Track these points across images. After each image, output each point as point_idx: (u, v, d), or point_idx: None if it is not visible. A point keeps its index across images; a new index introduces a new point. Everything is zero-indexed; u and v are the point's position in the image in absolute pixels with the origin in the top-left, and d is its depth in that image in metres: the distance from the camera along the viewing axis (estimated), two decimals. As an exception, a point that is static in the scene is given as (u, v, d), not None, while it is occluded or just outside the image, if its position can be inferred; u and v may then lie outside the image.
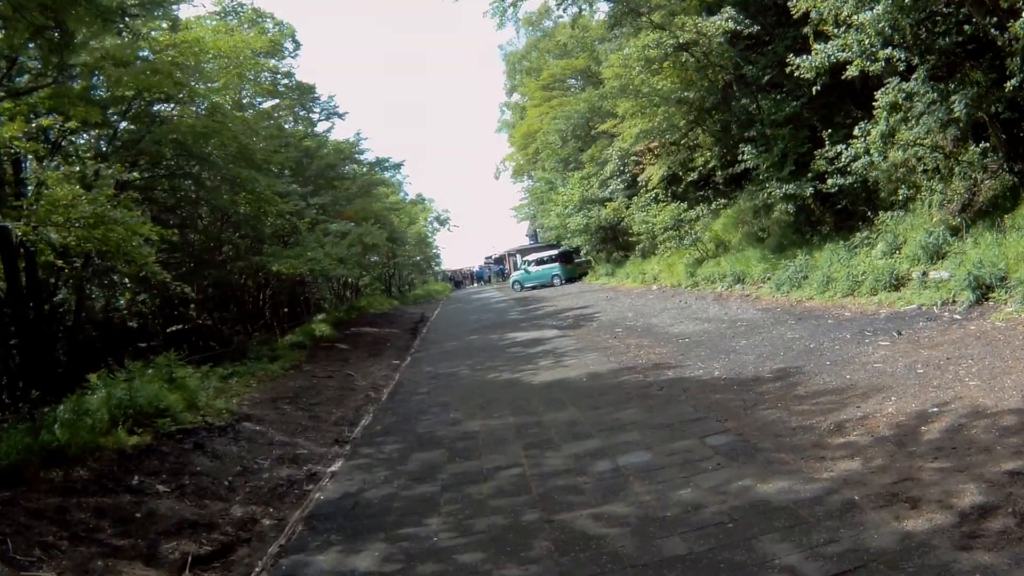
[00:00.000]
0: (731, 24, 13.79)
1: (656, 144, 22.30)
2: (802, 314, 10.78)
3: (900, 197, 12.62)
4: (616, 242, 30.79)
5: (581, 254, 35.01)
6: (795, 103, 14.06)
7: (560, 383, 8.59)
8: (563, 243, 35.36)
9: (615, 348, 10.73)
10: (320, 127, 23.24)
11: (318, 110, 23.22)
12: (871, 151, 11.29)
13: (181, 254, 15.55)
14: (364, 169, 24.75)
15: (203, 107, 13.22)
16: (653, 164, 22.57)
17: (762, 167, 14.85)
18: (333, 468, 6.23)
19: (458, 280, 65.55)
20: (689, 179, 21.67)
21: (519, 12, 21.68)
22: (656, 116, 18.38)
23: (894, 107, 10.64)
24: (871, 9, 9.91)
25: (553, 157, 35.82)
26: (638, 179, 25.72)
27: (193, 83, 12.54)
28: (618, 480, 4.71)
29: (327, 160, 20.46)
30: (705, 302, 15.00)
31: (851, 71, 10.84)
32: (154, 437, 6.77)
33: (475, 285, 63.10)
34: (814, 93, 11.62)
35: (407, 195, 42.08)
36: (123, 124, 12.57)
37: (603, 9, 26.12)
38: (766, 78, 15.45)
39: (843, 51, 10.87)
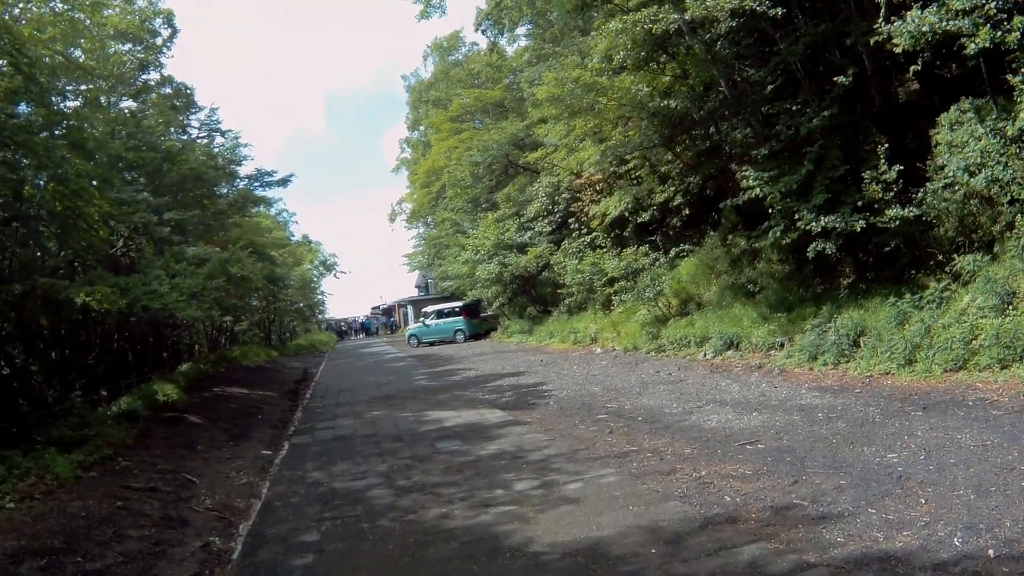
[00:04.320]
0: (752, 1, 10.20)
1: (600, 177, 18.54)
2: (910, 398, 6.84)
3: (979, 236, 9.30)
4: (531, 295, 26.67)
5: (487, 307, 30.48)
6: (824, 114, 10.57)
7: (601, 560, 3.84)
8: (468, 294, 30.79)
9: (638, 458, 6.13)
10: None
11: (197, 124, 17.49)
12: (986, 162, 7.78)
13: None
14: (242, 183, 19.04)
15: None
16: (597, 200, 18.68)
17: (775, 196, 11.18)
18: None
19: (342, 330, 58.75)
20: (639, 219, 17.96)
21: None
22: (616, 133, 14.51)
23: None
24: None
25: (462, 196, 31.46)
26: (570, 220, 21.86)
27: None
28: None
29: (192, 166, 14.75)
30: (697, 374, 10.89)
31: (972, 45, 7.38)
32: None
33: (360, 337, 56.65)
34: (912, 73, 8.02)
35: (293, 235, 35.87)
36: None
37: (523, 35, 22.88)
38: (770, 88, 12.10)
39: (959, 17, 7.41)
